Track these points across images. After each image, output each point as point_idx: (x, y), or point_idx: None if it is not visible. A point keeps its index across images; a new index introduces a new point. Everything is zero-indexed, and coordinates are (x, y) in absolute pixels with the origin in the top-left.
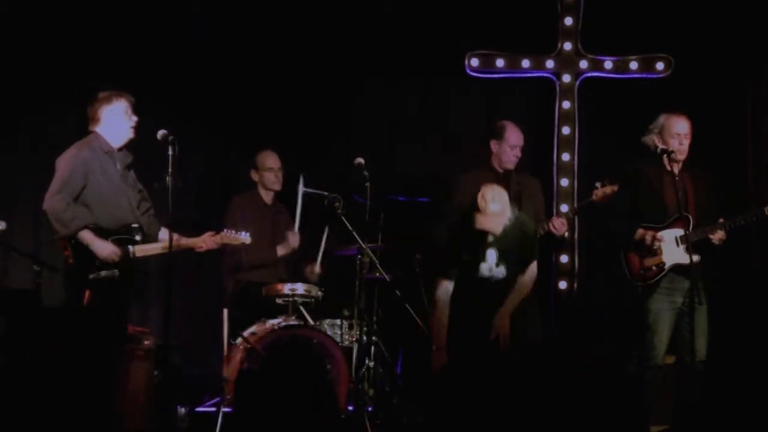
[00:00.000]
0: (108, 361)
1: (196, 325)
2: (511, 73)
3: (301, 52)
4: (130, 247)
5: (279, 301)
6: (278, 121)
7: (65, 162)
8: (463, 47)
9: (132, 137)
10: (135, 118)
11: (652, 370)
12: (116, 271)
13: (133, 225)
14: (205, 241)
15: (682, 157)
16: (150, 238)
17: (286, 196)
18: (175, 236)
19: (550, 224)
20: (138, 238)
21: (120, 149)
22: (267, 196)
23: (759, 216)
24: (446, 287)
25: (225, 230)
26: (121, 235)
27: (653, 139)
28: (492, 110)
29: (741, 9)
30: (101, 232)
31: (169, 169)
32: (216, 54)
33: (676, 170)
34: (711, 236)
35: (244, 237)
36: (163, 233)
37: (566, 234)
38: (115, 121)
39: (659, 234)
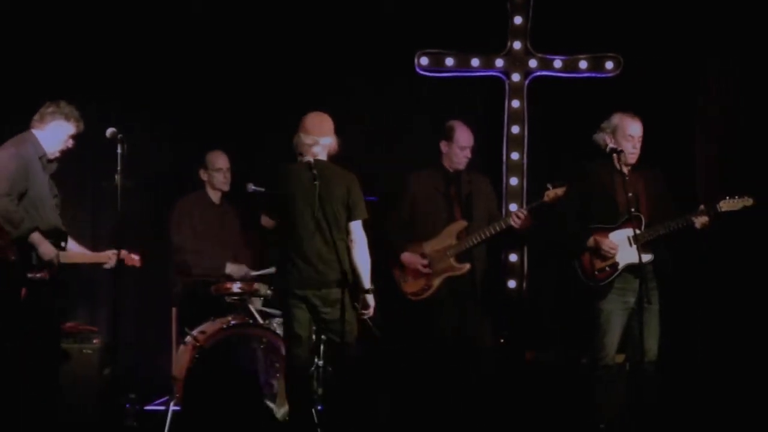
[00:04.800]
0: (46, 358)
1: (145, 323)
2: (460, 72)
3: (258, 51)
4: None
5: (228, 299)
6: (227, 120)
7: (8, 161)
8: (413, 46)
9: (54, 158)
10: (69, 147)
11: (602, 369)
12: (47, 273)
13: (62, 230)
14: (110, 258)
15: (633, 160)
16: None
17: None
18: (82, 249)
19: (513, 218)
20: (63, 244)
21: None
22: (215, 196)
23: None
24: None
25: (122, 251)
26: (53, 239)
27: (604, 138)
28: (443, 108)
29: (690, 7)
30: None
31: (119, 168)
32: (172, 52)
33: (626, 170)
34: (694, 219)
35: (136, 259)
36: (70, 243)
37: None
38: (56, 137)
39: (614, 243)
